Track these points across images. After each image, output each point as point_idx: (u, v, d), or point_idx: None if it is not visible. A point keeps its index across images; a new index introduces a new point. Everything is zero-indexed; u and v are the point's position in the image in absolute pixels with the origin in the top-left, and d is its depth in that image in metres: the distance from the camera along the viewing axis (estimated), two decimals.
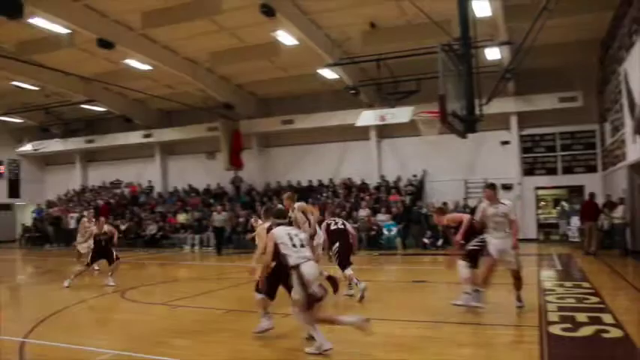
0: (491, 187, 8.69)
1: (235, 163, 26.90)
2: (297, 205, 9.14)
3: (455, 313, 8.32)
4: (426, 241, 21.01)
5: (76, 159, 33.63)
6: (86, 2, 17.98)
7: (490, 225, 8.47)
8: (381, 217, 22.21)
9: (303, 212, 9.19)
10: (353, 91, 22.54)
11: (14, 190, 34.49)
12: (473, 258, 8.66)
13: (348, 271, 9.75)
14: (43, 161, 35.64)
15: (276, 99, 27.85)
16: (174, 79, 24.39)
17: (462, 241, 8.70)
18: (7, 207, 33.63)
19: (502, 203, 8.56)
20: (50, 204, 32.22)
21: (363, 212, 22.75)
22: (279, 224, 6.88)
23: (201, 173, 29.40)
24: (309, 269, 6.39)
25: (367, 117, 21.72)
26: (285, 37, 19.40)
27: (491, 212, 8.45)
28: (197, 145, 29.48)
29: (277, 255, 6.57)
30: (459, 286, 8.97)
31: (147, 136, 30.01)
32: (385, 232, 21.67)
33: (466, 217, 8.95)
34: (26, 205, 34.45)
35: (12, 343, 7.26)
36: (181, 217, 26.38)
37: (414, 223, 21.78)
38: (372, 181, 25.39)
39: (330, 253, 9.83)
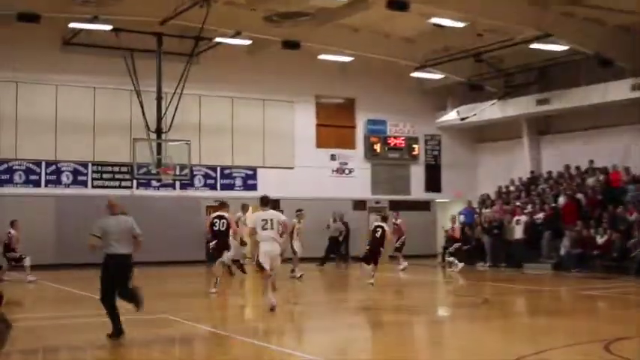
0: None
1: None
2: None
3: None
4: None
5: (522, 130, 34.03)
6: None
7: None
8: None
9: None
10: None
11: (433, 181, 36.41)
12: None
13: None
14: (473, 136, 37.25)
15: None
16: None
17: None
18: (424, 205, 35.21)
19: None
20: (485, 201, 32.84)
21: None
22: None
23: None
24: None
25: None
26: None
27: None
28: None
29: None
30: None
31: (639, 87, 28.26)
32: None
33: None
34: (449, 202, 35.93)
35: None
36: None
37: None
38: None
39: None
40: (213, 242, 18.53)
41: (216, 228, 18.32)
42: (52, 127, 28.42)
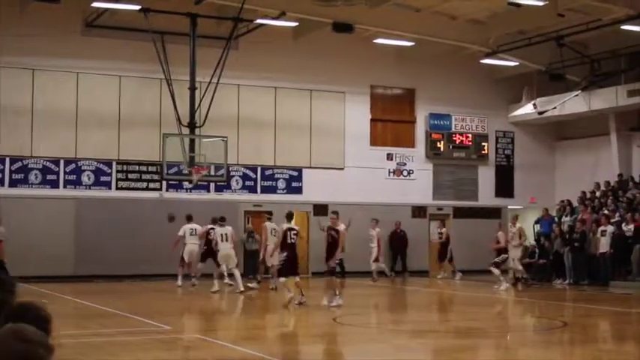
0: None
1: None
2: None
3: None
4: None
5: (609, 126, 33.57)
6: None
7: None
8: None
9: None
10: None
11: (504, 185, 36.41)
12: None
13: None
14: (552, 132, 37.09)
15: None
16: None
17: None
18: (494, 213, 34.73)
19: None
20: (565, 209, 32.61)
21: None
22: None
23: None
24: None
25: None
26: None
27: None
28: None
29: None
30: None
31: None
32: None
33: None
34: (524, 209, 35.74)
35: None
36: None
37: None
38: None
39: None
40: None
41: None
42: (71, 120, 28.67)
